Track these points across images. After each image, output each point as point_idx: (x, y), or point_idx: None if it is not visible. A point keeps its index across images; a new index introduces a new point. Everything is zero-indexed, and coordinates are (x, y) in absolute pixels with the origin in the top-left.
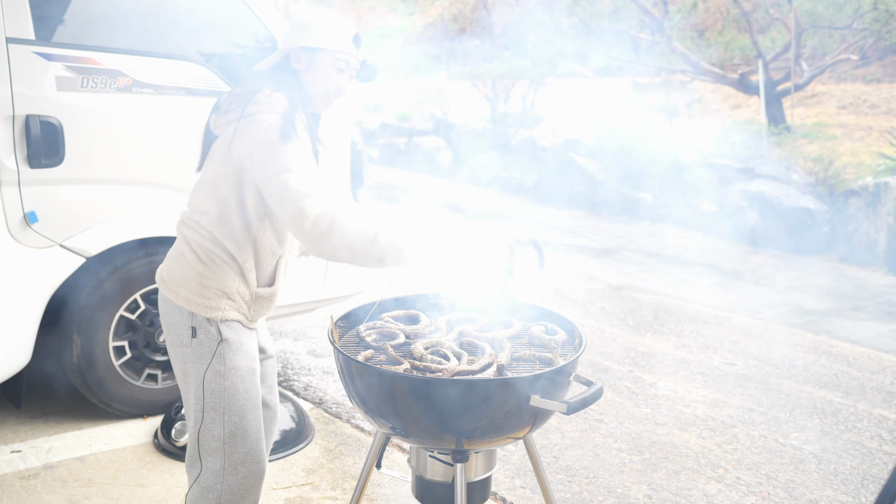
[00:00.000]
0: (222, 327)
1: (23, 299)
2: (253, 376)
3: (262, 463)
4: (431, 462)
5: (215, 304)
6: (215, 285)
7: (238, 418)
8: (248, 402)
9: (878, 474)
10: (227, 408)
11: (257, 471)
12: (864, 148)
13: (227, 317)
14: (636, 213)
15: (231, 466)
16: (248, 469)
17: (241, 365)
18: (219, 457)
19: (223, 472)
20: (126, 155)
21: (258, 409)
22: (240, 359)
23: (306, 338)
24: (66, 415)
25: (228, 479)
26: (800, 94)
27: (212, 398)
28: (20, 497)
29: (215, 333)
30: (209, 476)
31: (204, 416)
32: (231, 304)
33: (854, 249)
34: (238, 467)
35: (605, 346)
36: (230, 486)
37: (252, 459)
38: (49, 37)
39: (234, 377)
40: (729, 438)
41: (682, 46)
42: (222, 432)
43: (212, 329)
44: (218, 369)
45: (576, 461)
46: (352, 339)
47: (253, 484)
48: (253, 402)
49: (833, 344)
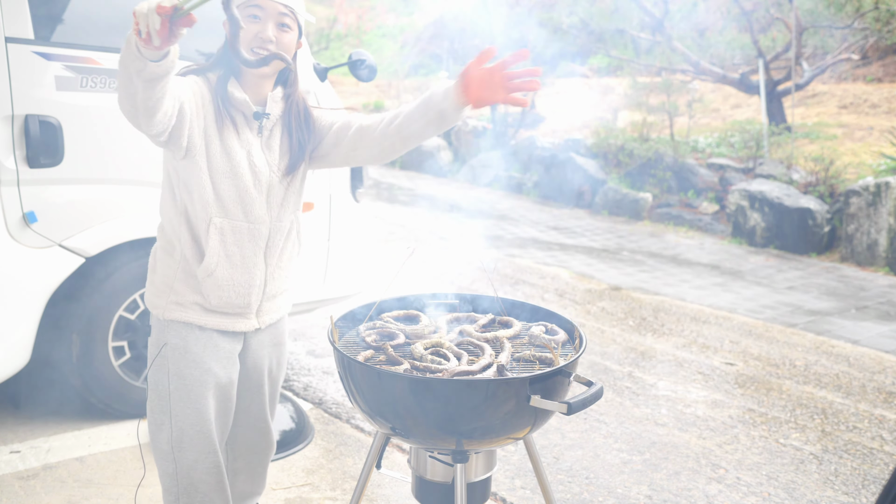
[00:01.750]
0: (168, 329)
1: (22, 299)
2: (201, 388)
3: (215, 474)
4: (431, 462)
5: (159, 301)
6: (160, 277)
7: (183, 425)
8: (192, 412)
9: (878, 475)
10: (172, 411)
11: (211, 480)
12: (865, 148)
13: (171, 316)
14: (636, 213)
15: (183, 470)
16: (200, 477)
17: (185, 373)
18: (170, 460)
19: (176, 475)
20: (125, 155)
21: (206, 422)
22: (183, 366)
23: (306, 338)
24: (65, 415)
25: (182, 482)
26: (800, 94)
27: (158, 400)
28: (19, 497)
29: (162, 334)
30: (165, 479)
31: (153, 417)
32: (173, 297)
33: (854, 249)
34: (190, 472)
35: (605, 346)
36: (185, 489)
37: (202, 469)
38: (48, 36)
39: (178, 383)
40: (729, 439)
41: (683, 46)
42: (170, 436)
43: (160, 329)
44: (163, 370)
45: (576, 461)
46: (352, 339)
47: (209, 489)
48: (199, 414)
49: (834, 344)
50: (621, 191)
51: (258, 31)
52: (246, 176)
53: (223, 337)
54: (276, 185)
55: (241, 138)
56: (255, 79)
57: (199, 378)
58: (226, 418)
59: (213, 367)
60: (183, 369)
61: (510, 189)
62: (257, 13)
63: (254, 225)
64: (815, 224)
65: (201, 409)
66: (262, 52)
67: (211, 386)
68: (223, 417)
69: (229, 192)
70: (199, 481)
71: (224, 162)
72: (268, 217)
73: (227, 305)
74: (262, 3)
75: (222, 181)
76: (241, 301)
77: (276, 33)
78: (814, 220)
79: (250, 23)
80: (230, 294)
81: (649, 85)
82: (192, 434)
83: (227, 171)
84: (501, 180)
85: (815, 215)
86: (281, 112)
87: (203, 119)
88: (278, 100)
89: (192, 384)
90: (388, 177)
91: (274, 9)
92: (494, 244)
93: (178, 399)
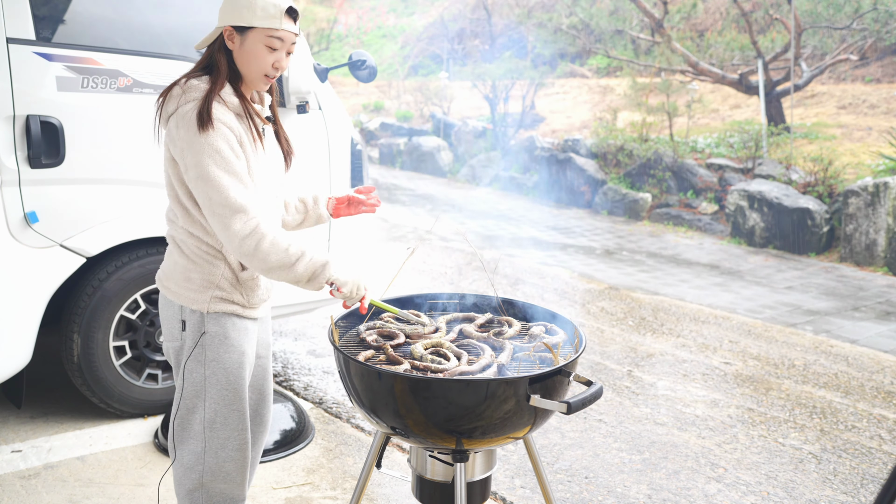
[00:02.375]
0: (207, 320)
1: (23, 299)
2: (239, 370)
3: (243, 451)
4: (431, 462)
5: (200, 297)
6: (199, 276)
7: (218, 406)
8: (229, 392)
9: (877, 474)
10: (208, 395)
11: (238, 457)
12: (864, 148)
13: (215, 308)
14: (636, 213)
15: (211, 450)
16: (228, 454)
17: (224, 358)
18: (199, 440)
19: (203, 454)
20: (126, 155)
21: (241, 400)
22: (223, 352)
23: (306, 338)
24: (66, 415)
25: (209, 461)
26: (799, 94)
27: (193, 386)
28: (20, 497)
29: (199, 325)
30: (190, 456)
31: (186, 402)
32: (219, 293)
33: (853, 249)
34: (218, 451)
35: (604, 346)
36: (210, 468)
37: (232, 446)
38: (49, 37)
39: (216, 367)
40: (728, 438)
41: (682, 47)
42: (203, 416)
43: (197, 321)
44: (199, 359)
45: (576, 461)
46: (352, 339)
47: (233, 469)
48: (236, 393)
49: (833, 344)
50: (621, 191)
51: (275, 61)
52: (272, 184)
53: (251, 322)
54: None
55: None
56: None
57: (237, 360)
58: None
59: (248, 350)
60: (222, 354)
61: (510, 189)
62: (276, 45)
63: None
64: (813, 224)
65: (239, 388)
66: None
67: (247, 367)
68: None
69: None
70: (225, 459)
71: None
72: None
73: (259, 301)
74: (284, 35)
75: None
76: (267, 296)
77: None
78: (813, 221)
79: (268, 52)
80: (264, 293)
81: (649, 85)
82: (227, 413)
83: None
84: (501, 180)
85: (814, 215)
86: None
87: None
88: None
89: (232, 367)
90: (389, 177)
91: (290, 39)
92: (494, 244)
93: (215, 382)
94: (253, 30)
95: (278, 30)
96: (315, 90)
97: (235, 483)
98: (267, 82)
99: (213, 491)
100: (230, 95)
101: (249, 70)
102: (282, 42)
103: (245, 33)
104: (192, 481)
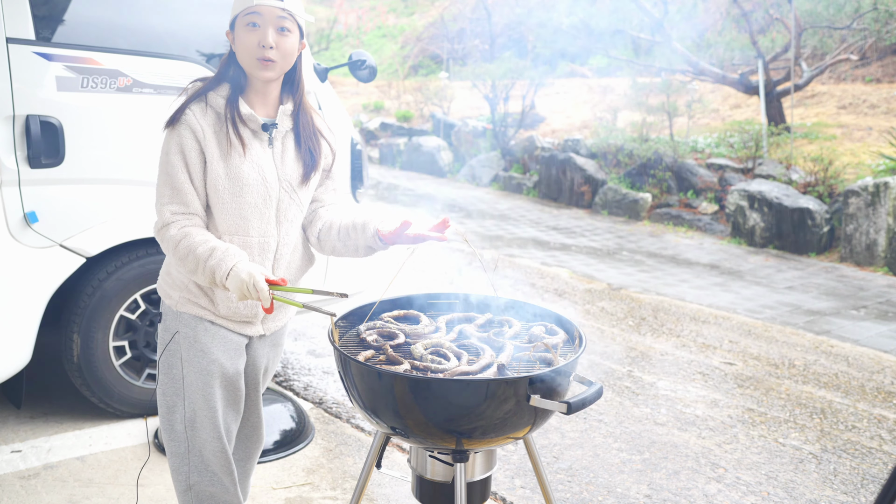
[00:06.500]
0: (179, 319)
1: (23, 299)
2: (207, 377)
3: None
4: (431, 462)
5: (174, 293)
6: (176, 273)
7: (196, 406)
8: (199, 398)
9: (877, 474)
10: (186, 394)
11: (220, 462)
12: (864, 148)
13: (184, 308)
14: (636, 213)
15: (195, 449)
16: (210, 457)
17: (194, 360)
18: (182, 440)
19: (188, 454)
20: (126, 155)
21: (212, 409)
22: (192, 354)
23: (306, 338)
24: (66, 415)
25: (193, 461)
26: (799, 94)
27: (171, 383)
28: (20, 497)
29: (174, 322)
30: (175, 459)
31: (166, 399)
32: (187, 294)
33: (853, 249)
34: (202, 451)
35: (605, 346)
36: (196, 467)
37: (211, 450)
38: (49, 37)
39: (189, 368)
40: (729, 438)
41: (682, 46)
42: (183, 416)
43: (172, 318)
44: (176, 356)
45: (576, 461)
46: (352, 339)
47: (219, 471)
48: (206, 400)
49: (833, 344)
50: (621, 191)
51: (259, 39)
52: (254, 192)
53: (231, 331)
54: (285, 199)
55: (250, 155)
56: (262, 85)
57: (206, 368)
58: (236, 406)
59: (220, 358)
60: (192, 357)
61: (510, 189)
62: (256, 20)
63: (263, 238)
64: (814, 224)
65: (208, 396)
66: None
67: (217, 376)
68: (234, 406)
69: (235, 211)
70: (209, 460)
71: (228, 184)
72: (276, 231)
73: (235, 314)
74: (259, 9)
75: (229, 202)
76: (247, 311)
77: (277, 38)
78: (813, 220)
79: (250, 31)
80: (238, 305)
81: (649, 85)
82: (204, 415)
83: (233, 191)
84: (501, 180)
85: (815, 215)
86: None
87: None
88: (289, 113)
89: (200, 373)
90: (389, 177)
91: (272, 14)
92: (494, 244)
93: (190, 383)
94: (237, 20)
95: (252, 6)
96: (315, 90)
97: (223, 486)
98: (264, 67)
99: (202, 494)
100: (218, 98)
101: (243, 60)
102: (260, 16)
103: (234, 28)
104: (182, 483)
